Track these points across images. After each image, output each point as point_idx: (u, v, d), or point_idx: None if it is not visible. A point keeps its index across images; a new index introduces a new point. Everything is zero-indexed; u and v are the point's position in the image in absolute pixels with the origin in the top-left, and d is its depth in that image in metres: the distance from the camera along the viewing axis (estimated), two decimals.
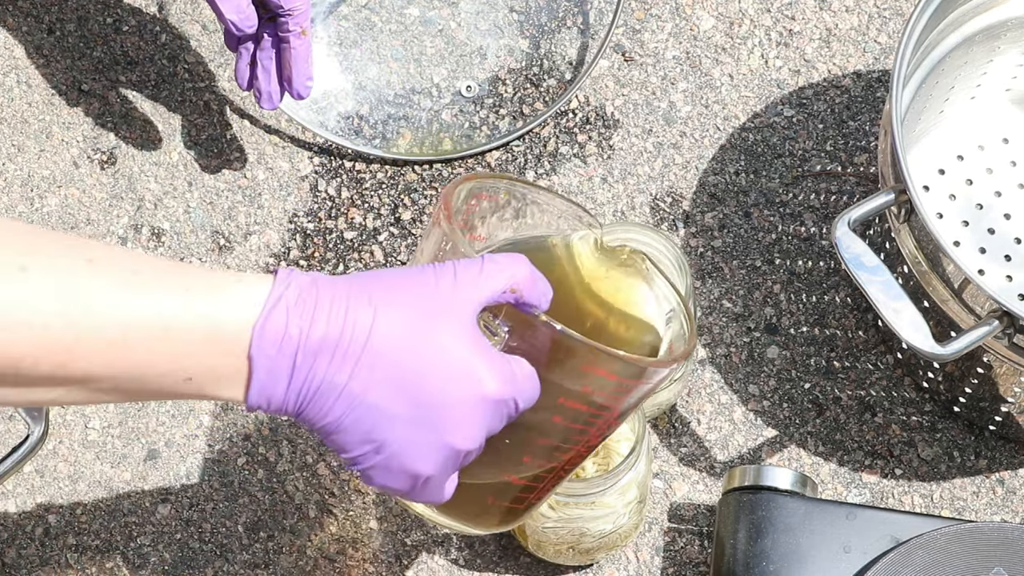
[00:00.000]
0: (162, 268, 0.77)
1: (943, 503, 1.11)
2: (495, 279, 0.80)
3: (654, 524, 1.10)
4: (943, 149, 1.16)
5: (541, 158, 1.20)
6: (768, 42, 1.22)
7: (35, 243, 0.74)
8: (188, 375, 0.76)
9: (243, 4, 1.06)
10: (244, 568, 1.09)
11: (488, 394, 0.78)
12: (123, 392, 0.77)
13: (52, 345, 0.73)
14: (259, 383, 0.77)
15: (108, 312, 0.74)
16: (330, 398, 0.77)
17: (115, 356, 0.75)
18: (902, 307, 0.94)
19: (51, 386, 0.75)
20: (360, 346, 0.77)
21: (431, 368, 0.77)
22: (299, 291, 0.77)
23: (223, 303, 0.76)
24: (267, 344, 0.76)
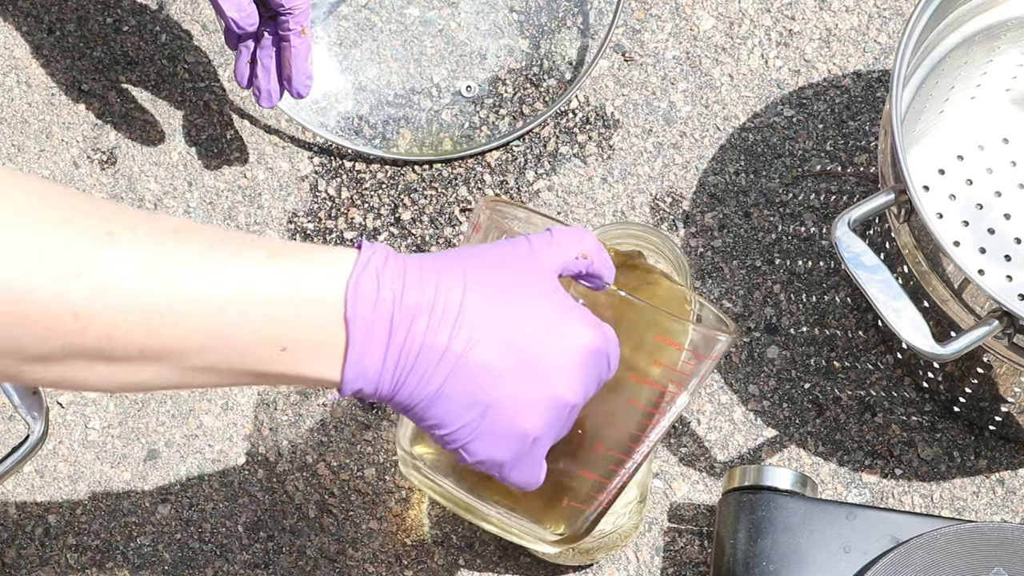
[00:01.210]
0: (247, 237, 0.76)
1: (943, 503, 1.11)
2: (567, 245, 0.81)
3: (654, 524, 1.10)
4: (943, 149, 1.16)
5: (541, 158, 1.20)
6: (768, 42, 1.22)
7: (120, 211, 0.73)
8: (282, 344, 0.75)
9: (244, 2, 1.06)
10: (244, 568, 1.09)
11: (586, 344, 0.78)
12: (216, 371, 0.75)
13: (144, 310, 0.72)
14: (356, 350, 0.75)
15: (198, 276, 0.73)
16: (432, 362, 0.76)
17: (207, 322, 0.73)
18: (902, 307, 0.94)
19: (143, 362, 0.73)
20: (456, 309, 0.76)
21: (528, 324, 0.77)
22: (386, 258, 0.76)
23: (314, 267, 0.75)
24: (362, 305, 0.75)
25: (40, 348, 0.71)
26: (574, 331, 0.78)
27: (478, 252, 0.79)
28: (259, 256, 0.74)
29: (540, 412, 0.78)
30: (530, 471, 0.81)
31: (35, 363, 0.72)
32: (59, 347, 0.71)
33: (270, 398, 1.13)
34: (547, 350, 0.78)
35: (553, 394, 0.78)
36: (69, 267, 0.70)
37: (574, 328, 0.78)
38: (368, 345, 0.75)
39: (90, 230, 0.71)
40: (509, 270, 0.79)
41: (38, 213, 0.71)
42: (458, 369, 0.76)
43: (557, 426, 0.79)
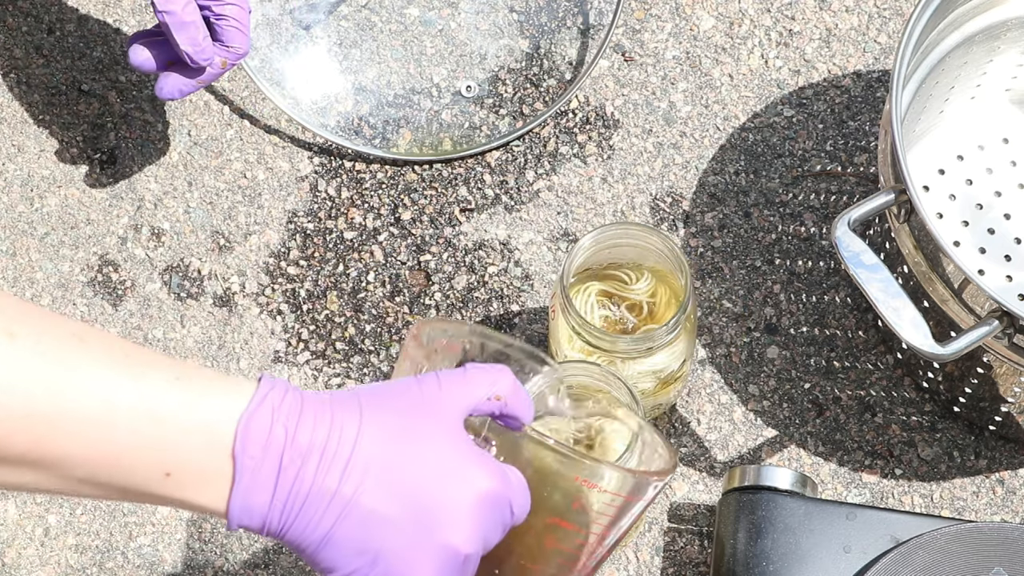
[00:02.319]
0: (153, 357, 0.74)
1: (943, 503, 1.11)
2: (478, 385, 0.78)
3: (654, 524, 1.10)
4: (943, 149, 1.16)
5: (541, 158, 1.20)
6: (768, 42, 1.22)
7: (28, 313, 0.72)
8: (168, 469, 0.73)
9: (199, 37, 1.05)
10: (244, 568, 1.09)
11: (483, 490, 0.76)
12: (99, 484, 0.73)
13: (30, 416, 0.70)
14: (242, 488, 0.74)
15: (94, 388, 0.71)
16: (321, 505, 0.74)
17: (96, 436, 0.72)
18: (902, 306, 0.94)
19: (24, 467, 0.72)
20: (348, 450, 0.74)
21: (423, 470, 0.75)
22: (284, 394, 0.75)
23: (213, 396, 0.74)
24: (252, 443, 0.73)
25: None
26: (470, 476, 0.76)
27: (379, 390, 0.77)
28: (162, 378, 0.73)
29: (431, 562, 0.75)
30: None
31: None
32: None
33: None
34: (440, 496, 0.75)
35: (444, 543, 0.75)
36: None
37: (472, 472, 0.76)
38: (254, 484, 0.74)
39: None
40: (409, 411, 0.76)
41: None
42: (347, 514, 0.74)
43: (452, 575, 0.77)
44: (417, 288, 1.16)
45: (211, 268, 1.17)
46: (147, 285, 1.17)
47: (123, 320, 1.16)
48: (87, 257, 1.17)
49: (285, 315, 1.16)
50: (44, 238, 1.18)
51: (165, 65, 1.08)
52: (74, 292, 1.16)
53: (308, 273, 1.17)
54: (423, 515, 0.75)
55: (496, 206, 1.19)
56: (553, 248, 1.17)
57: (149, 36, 1.08)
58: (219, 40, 1.06)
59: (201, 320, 1.16)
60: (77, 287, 1.17)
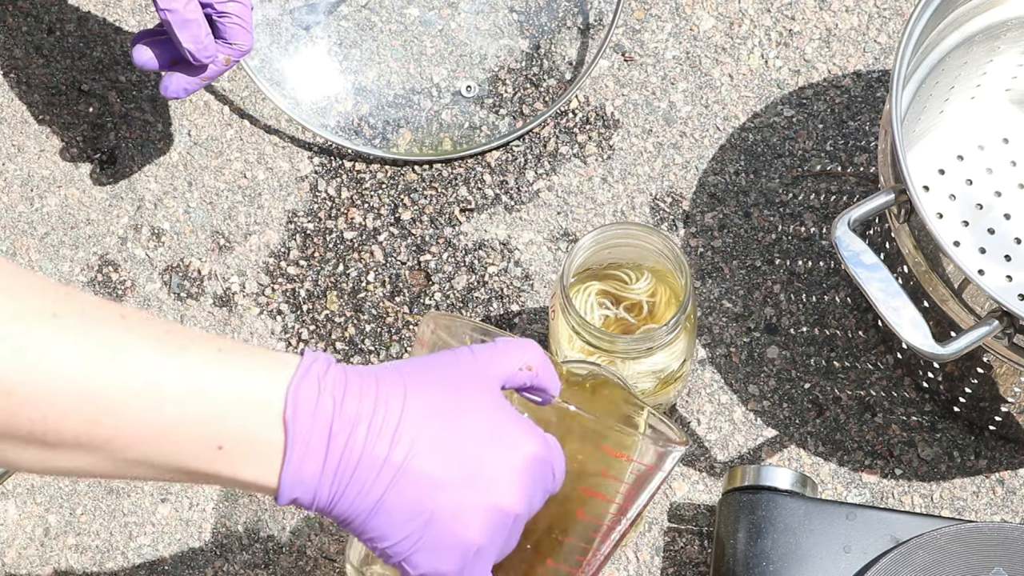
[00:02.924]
0: (196, 333, 0.75)
1: (943, 503, 1.11)
2: (511, 356, 0.80)
3: (654, 524, 1.10)
4: (943, 149, 1.16)
5: (541, 158, 1.20)
6: (768, 42, 1.22)
7: (69, 293, 0.72)
8: (220, 443, 0.73)
9: (201, 35, 1.05)
10: (244, 568, 1.09)
11: (530, 452, 0.77)
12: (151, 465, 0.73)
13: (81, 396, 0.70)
14: (295, 456, 0.74)
15: (139, 365, 0.72)
16: (372, 472, 0.74)
17: (144, 412, 0.72)
18: (902, 306, 0.94)
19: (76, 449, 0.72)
20: (396, 418, 0.75)
21: (469, 434, 0.76)
22: (328, 366, 0.76)
23: (257, 369, 0.74)
24: (302, 412, 0.74)
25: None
26: (517, 440, 0.77)
27: (419, 363, 0.78)
28: (205, 353, 0.73)
29: (483, 522, 0.76)
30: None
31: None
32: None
33: None
34: (489, 459, 0.76)
35: (496, 503, 0.76)
36: (7, 343, 0.69)
37: (517, 437, 0.77)
38: (307, 452, 0.74)
39: (35, 309, 0.70)
40: (450, 380, 0.78)
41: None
42: (398, 479, 0.75)
43: (501, 537, 0.78)
44: (417, 288, 1.16)
45: (211, 268, 1.17)
46: (147, 285, 1.17)
47: None
48: (87, 257, 1.17)
49: (285, 315, 1.16)
50: (44, 238, 1.18)
51: (169, 64, 1.08)
52: None
53: (308, 273, 1.17)
54: (474, 477, 0.76)
55: (496, 206, 1.19)
56: (553, 248, 1.17)
57: (152, 35, 1.08)
58: (222, 37, 1.06)
59: (201, 320, 1.16)
60: (77, 287, 1.17)
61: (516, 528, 0.78)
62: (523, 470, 0.77)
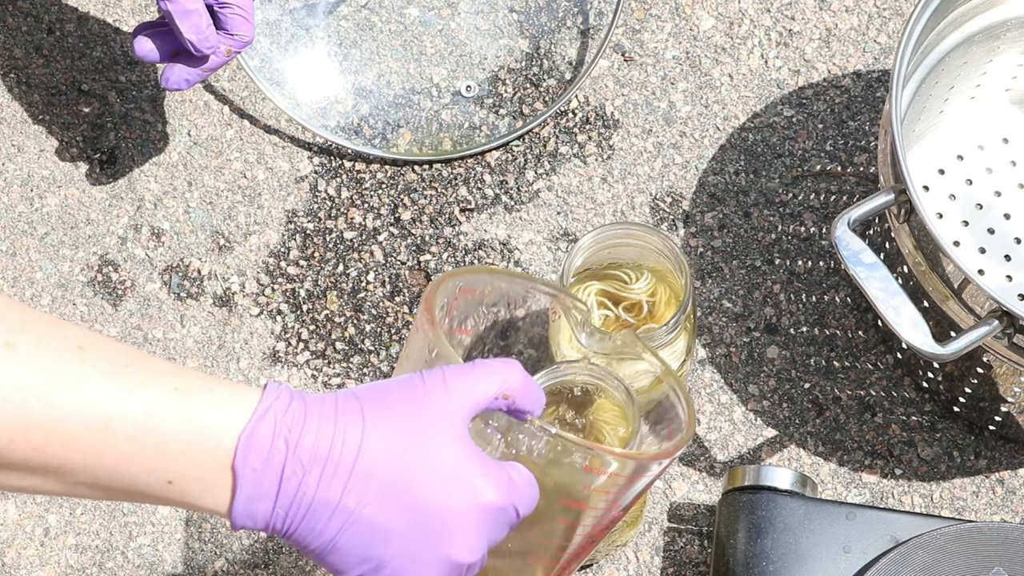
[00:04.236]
0: (154, 365, 0.74)
1: (943, 503, 1.11)
2: (486, 385, 0.77)
3: (654, 524, 1.10)
4: (943, 149, 1.16)
5: (541, 158, 1.20)
6: (768, 42, 1.22)
7: (26, 321, 0.72)
8: (170, 477, 0.74)
9: (203, 25, 1.05)
10: (244, 568, 1.09)
11: (486, 503, 0.76)
12: (101, 488, 0.74)
13: (30, 426, 0.71)
14: (244, 497, 0.74)
15: (92, 399, 0.72)
16: (323, 517, 0.74)
17: (95, 445, 0.72)
18: (902, 306, 0.94)
19: (25, 472, 0.72)
20: (351, 460, 0.74)
21: (426, 480, 0.75)
22: (288, 403, 0.75)
23: (214, 407, 0.74)
24: (253, 456, 0.74)
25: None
26: (476, 487, 0.75)
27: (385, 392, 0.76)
28: (162, 389, 0.73)
29: (433, 572, 0.76)
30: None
31: None
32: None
33: None
34: (443, 508, 0.75)
35: (447, 555, 0.75)
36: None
37: (477, 484, 0.75)
38: (256, 494, 0.74)
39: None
40: (414, 414, 0.76)
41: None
42: (349, 525, 0.75)
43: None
44: (417, 288, 1.16)
45: (211, 268, 1.17)
46: (147, 285, 1.17)
47: (123, 320, 1.16)
48: (87, 257, 1.17)
49: (285, 315, 1.16)
50: (44, 238, 1.18)
51: (170, 56, 1.08)
52: (74, 292, 1.16)
53: (308, 273, 1.17)
54: (425, 527, 0.75)
55: (496, 206, 1.19)
56: (553, 248, 1.17)
57: (153, 27, 1.07)
58: (223, 28, 1.06)
59: (201, 320, 1.16)
60: (77, 287, 1.17)
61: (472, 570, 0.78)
62: (479, 519, 0.76)
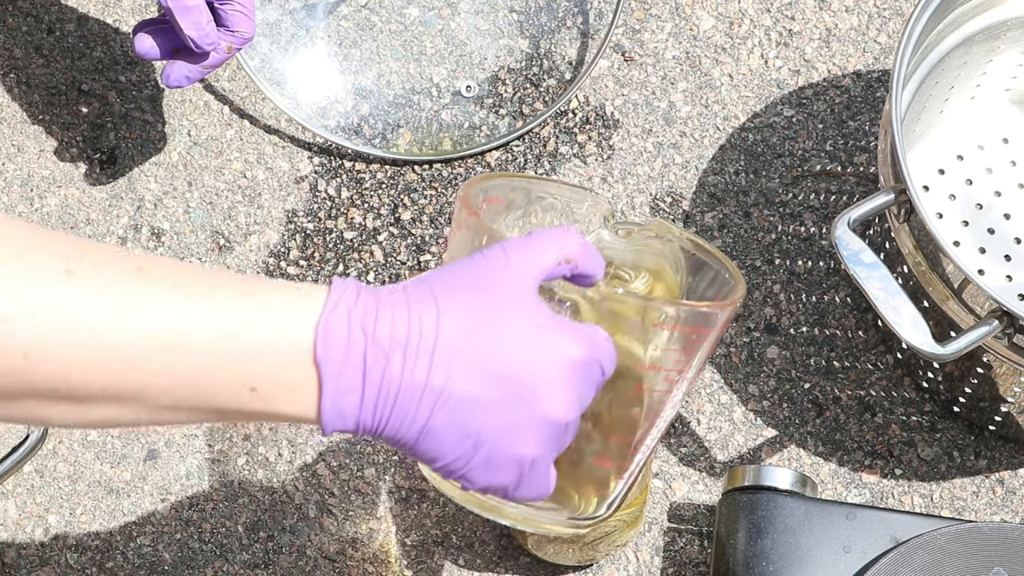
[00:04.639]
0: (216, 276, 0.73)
1: (943, 503, 1.11)
2: (547, 251, 0.77)
3: (654, 524, 1.10)
4: (943, 149, 1.16)
5: (541, 158, 1.20)
6: (768, 42, 1.22)
7: (82, 248, 0.71)
8: (252, 384, 0.72)
9: (203, 21, 1.05)
10: (244, 568, 1.09)
11: (572, 358, 0.75)
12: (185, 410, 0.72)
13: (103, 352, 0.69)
14: (331, 393, 0.73)
15: (161, 316, 0.70)
16: (413, 400, 0.73)
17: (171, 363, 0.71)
18: (901, 306, 0.94)
19: (106, 403, 0.71)
20: (431, 340, 0.73)
21: (509, 347, 0.74)
22: (358, 294, 0.74)
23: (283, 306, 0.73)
24: (333, 347, 0.72)
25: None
26: (559, 345, 0.75)
27: (451, 275, 0.76)
28: (227, 296, 0.72)
29: (534, 435, 0.75)
30: (536, 487, 0.78)
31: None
32: (12, 385, 0.70)
33: None
34: (532, 371, 0.74)
35: (544, 415, 0.75)
36: (19, 306, 0.68)
37: (557, 343, 0.75)
38: (342, 387, 0.73)
39: (46, 267, 0.69)
40: (484, 290, 0.75)
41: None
42: (442, 403, 0.74)
43: (554, 444, 0.77)
44: None
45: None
46: None
47: None
48: None
49: None
50: None
51: (170, 53, 1.07)
52: None
53: (308, 273, 1.17)
54: (518, 392, 0.74)
55: None
56: None
57: (153, 24, 1.07)
58: (223, 25, 1.06)
59: None
60: None
61: (569, 431, 0.77)
62: (568, 376, 0.75)
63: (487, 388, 0.74)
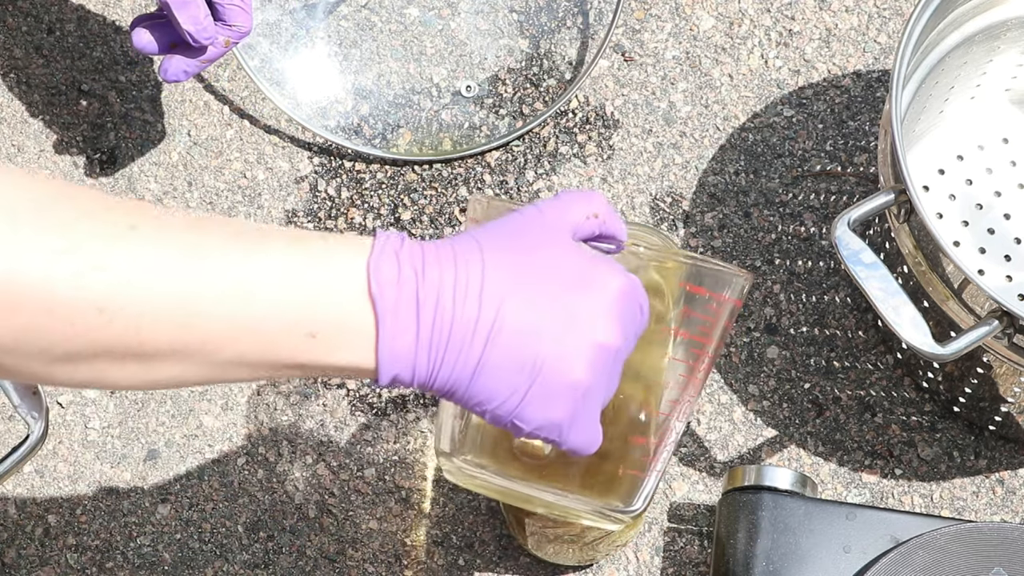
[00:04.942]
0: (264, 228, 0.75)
1: (943, 503, 1.11)
2: (577, 205, 0.80)
3: (654, 524, 1.10)
4: (943, 149, 1.16)
5: (541, 158, 1.20)
6: (768, 42, 1.22)
7: (141, 206, 0.72)
8: (311, 330, 0.73)
9: (200, 15, 1.05)
10: (244, 568, 1.09)
11: (618, 287, 0.77)
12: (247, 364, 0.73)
13: (169, 302, 0.71)
14: (387, 330, 0.74)
15: (223, 266, 0.72)
16: (467, 334, 0.74)
17: (234, 311, 0.72)
18: (901, 305, 0.94)
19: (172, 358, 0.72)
20: (478, 279, 0.75)
21: (556, 281, 0.76)
22: (402, 240, 0.76)
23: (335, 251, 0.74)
24: (386, 284, 0.74)
25: (67, 347, 0.70)
26: (604, 278, 0.77)
27: (489, 226, 0.79)
28: (279, 244, 0.74)
29: (588, 361, 0.76)
30: (588, 430, 0.79)
31: (64, 363, 0.71)
32: (86, 345, 0.71)
33: (270, 398, 1.13)
34: (581, 300, 0.76)
35: (596, 341, 0.76)
36: (91, 261, 0.69)
37: (603, 275, 0.77)
38: (397, 324, 0.74)
39: (111, 224, 0.70)
40: (523, 234, 0.78)
41: (57, 210, 0.70)
42: (495, 336, 0.75)
43: (606, 375, 0.78)
44: None
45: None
46: None
47: None
48: None
49: None
50: None
51: (168, 47, 1.07)
52: None
53: None
54: (570, 319, 0.76)
55: None
56: None
57: (151, 19, 1.07)
58: (221, 19, 1.06)
59: None
60: None
61: (617, 364, 0.79)
62: (615, 305, 0.77)
63: (538, 318, 0.76)
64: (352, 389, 1.13)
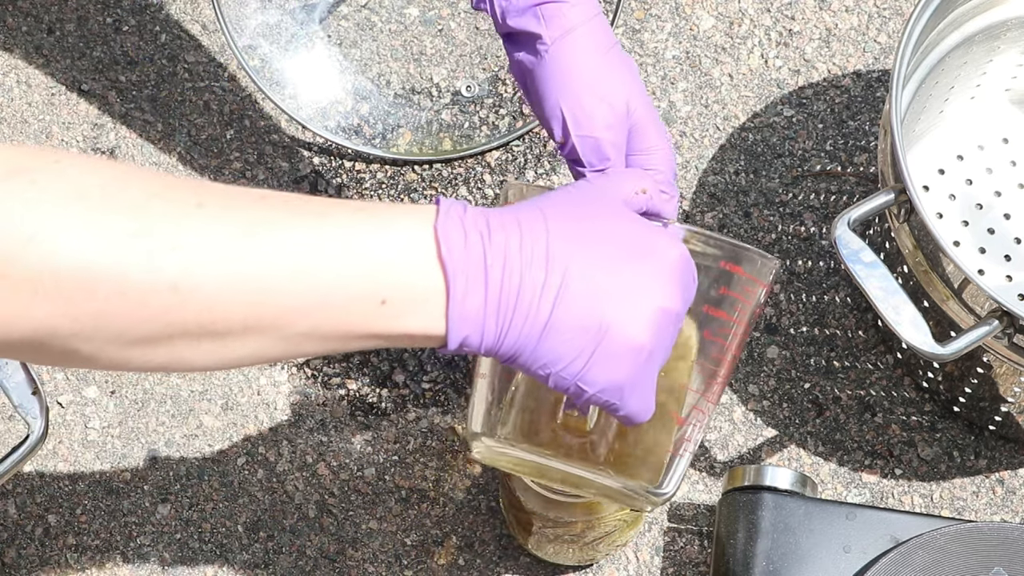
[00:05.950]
0: (326, 199, 0.76)
1: (943, 503, 1.11)
2: (625, 180, 0.82)
3: (654, 524, 1.10)
4: (943, 149, 1.16)
5: (541, 158, 1.20)
6: (768, 42, 1.22)
7: (205, 185, 0.73)
8: (382, 296, 0.74)
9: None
10: (244, 568, 1.09)
11: (676, 255, 0.79)
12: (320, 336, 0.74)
13: (242, 277, 0.71)
14: (457, 293, 0.75)
15: (291, 238, 0.72)
16: (534, 296, 0.76)
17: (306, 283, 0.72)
18: (901, 305, 0.94)
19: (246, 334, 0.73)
20: (543, 245, 0.76)
21: (618, 247, 0.78)
22: (465, 208, 0.77)
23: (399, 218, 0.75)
24: (454, 248, 0.75)
25: (142, 329, 0.70)
26: (662, 246, 0.79)
27: (546, 196, 0.80)
28: (343, 213, 0.74)
29: (650, 324, 0.78)
30: (646, 395, 0.80)
31: (140, 346, 0.71)
32: (161, 327, 0.71)
33: (270, 398, 1.13)
34: (642, 266, 0.78)
35: (658, 305, 0.78)
36: (163, 241, 0.70)
37: (661, 243, 0.79)
38: (467, 287, 0.75)
39: (179, 203, 0.71)
40: (582, 203, 0.79)
41: (125, 193, 0.70)
42: (561, 298, 0.76)
43: (666, 339, 0.80)
44: None
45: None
46: None
47: None
48: None
49: None
50: None
51: None
52: None
53: None
54: (633, 283, 0.78)
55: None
56: None
57: None
58: None
59: None
60: None
61: (676, 329, 0.80)
62: (674, 271, 0.79)
63: (603, 282, 0.77)
64: (352, 389, 1.13)
